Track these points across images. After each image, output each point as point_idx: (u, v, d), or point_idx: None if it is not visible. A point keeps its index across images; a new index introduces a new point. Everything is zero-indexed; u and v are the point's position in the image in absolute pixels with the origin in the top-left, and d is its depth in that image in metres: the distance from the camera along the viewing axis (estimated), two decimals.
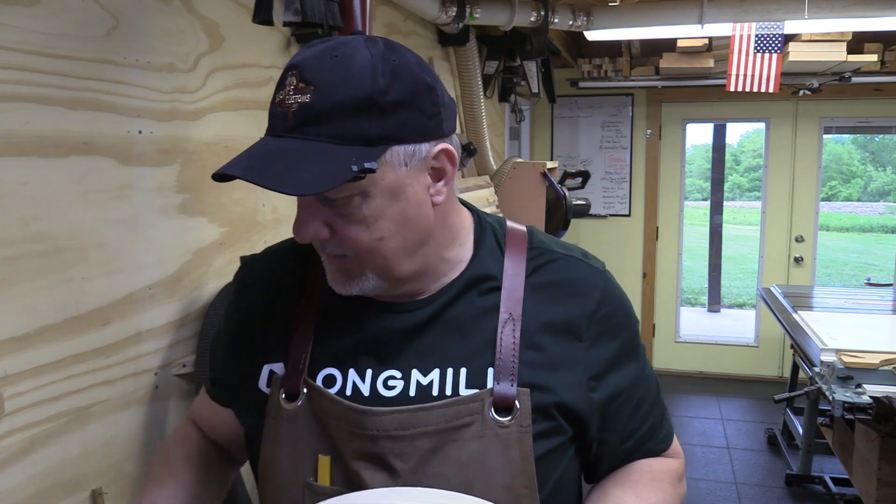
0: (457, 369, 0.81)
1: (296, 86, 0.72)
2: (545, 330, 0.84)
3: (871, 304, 4.05)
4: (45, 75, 1.16)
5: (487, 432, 0.79)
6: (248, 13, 1.60)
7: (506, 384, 0.80)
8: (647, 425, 0.92)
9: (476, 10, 2.81)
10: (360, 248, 0.77)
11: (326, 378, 0.83)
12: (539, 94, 3.91)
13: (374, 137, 0.72)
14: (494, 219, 0.92)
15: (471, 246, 0.87)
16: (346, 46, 0.74)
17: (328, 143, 0.71)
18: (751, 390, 5.06)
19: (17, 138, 1.11)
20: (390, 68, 0.73)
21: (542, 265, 0.87)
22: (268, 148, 0.73)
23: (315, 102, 0.71)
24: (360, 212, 0.75)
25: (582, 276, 0.88)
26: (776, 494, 3.57)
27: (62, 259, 1.20)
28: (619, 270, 5.34)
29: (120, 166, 1.33)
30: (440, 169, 0.79)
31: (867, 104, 4.89)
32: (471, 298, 0.84)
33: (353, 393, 0.81)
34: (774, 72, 3.64)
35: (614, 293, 0.90)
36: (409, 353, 0.82)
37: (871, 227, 15.01)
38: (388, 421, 0.79)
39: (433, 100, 0.77)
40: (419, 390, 0.81)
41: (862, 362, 2.79)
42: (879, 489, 2.74)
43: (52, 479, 1.21)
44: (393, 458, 0.78)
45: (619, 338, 0.88)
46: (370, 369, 0.82)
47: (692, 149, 13.43)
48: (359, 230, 0.76)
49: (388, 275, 0.80)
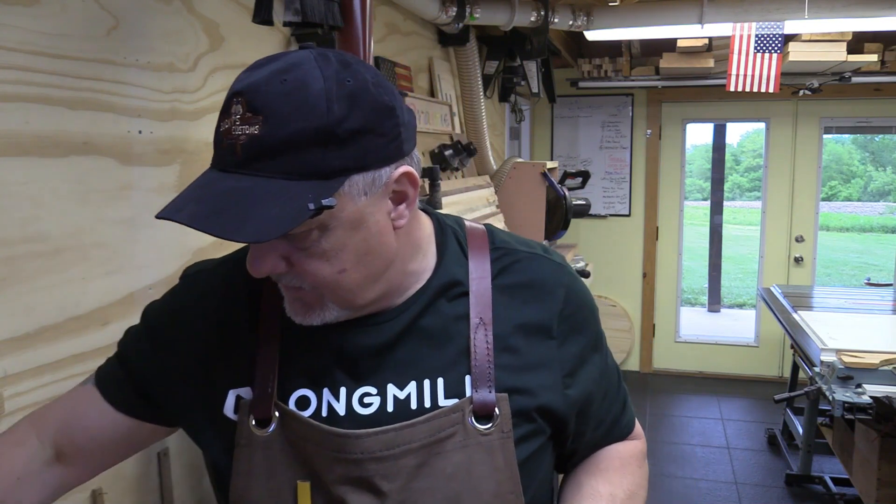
0: (434, 380, 0.79)
1: (242, 115, 0.66)
2: (517, 332, 0.83)
3: (871, 304, 4.05)
4: (45, 75, 1.16)
5: (470, 441, 0.77)
6: (248, 13, 1.60)
7: (484, 391, 0.78)
8: (613, 413, 0.94)
9: (476, 10, 2.81)
10: (320, 281, 0.73)
11: (300, 400, 0.79)
12: (539, 94, 3.91)
13: (330, 170, 0.67)
14: (452, 219, 0.90)
15: (434, 253, 0.84)
16: (298, 69, 0.67)
17: (281, 179, 0.65)
18: (751, 390, 5.06)
19: (17, 138, 1.11)
20: (346, 93, 0.67)
21: (507, 266, 0.86)
22: (216, 187, 0.67)
23: (265, 135, 0.65)
24: (319, 245, 0.70)
25: (547, 274, 0.87)
26: (776, 494, 3.57)
27: (62, 259, 1.20)
28: (619, 270, 5.34)
29: (120, 166, 1.33)
30: (401, 192, 0.74)
31: (867, 104, 4.89)
32: (440, 306, 0.82)
33: (328, 413, 0.78)
34: (774, 72, 3.64)
35: (578, 288, 0.89)
36: (383, 367, 0.79)
37: (871, 227, 15.01)
38: (373, 442, 0.76)
39: (393, 122, 0.71)
40: (397, 405, 0.78)
41: (862, 362, 2.79)
42: (879, 489, 2.74)
43: None
44: (379, 480, 0.76)
45: (585, 332, 0.88)
46: (344, 387, 0.79)
47: (692, 149, 13.43)
48: (319, 264, 0.72)
49: (350, 304, 0.76)
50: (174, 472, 1.49)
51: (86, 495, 1.27)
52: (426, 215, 0.87)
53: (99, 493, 1.28)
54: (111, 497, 1.32)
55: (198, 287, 0.88)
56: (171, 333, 0.87)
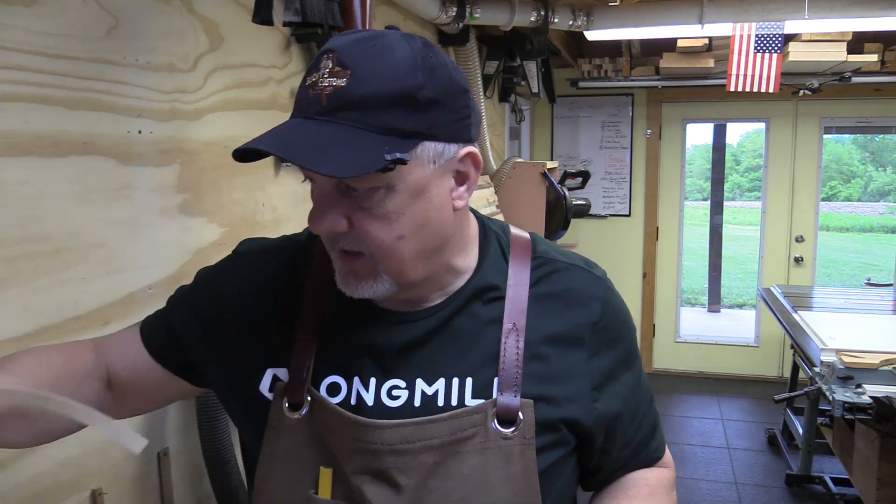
0: (462, 380, 0.80)
1: (332, 69, 0.70)
2: (549, 341, 0.83)
3: (871, 304, 4.05)
4: (45, 75, 1.16)
5: (490, 444, 0.78)
6: (248, 13, 1.60)
7: (509, 395, 0.79)
8: (642, 435, 0.92)
9: (476, 10, 2.81)
10: (378, 245, 0.74)
11: (331, 386, 0.81)
12: (539, 94, 3.91)
13: (407, 130, 0.71)
14: (498, 225, 0.91)
15: (475, 255, 0.86)
16: (386, 38, 0.72)
17: (361, 129, 0.69)
18: (751, 390, 5.06)
19: (17, 138, 1.11)
20: (428, 65, 0.72)
21: (546, 275, 0.86)
22: (299, 129, 0.70)
23: (351, 88, 0.69)
24: (382, 206, 0.73)
25: (584, 285, 0.87)
26: (776, 494, 3.57)
27: (62, 259, 1.20)
28: (619, 270, 5.34)
29: (120, 166, 1.33)
30: (464, 173, 0.78)
31: (867, 104, 4.89)
32: (475, 308, 0.83)
33: (357, 402, 0.80)
34: (774, 72, 3.64)
35: (615, 303, 0.90)
36: (414, 363, 0.81)
37: (871, 227, 15.00)
38: (393, 434, 0.77)
39: (465, 102, 0.76)
40: (424, 400, 0.79)
41: (862, 362, 2.79)
42: (879, 489, 2.74)
43: (52, 479, 1.21)
44: (397, 473, 0.76)
45: (618, 348, 0.88)
46: (374, 378, 0.81)
47: (692, 149, 13.42)
48: (379, 226, 0.73)
49: (401, 278, 0.77)
50: (174, 472, 1.49)
51: (86, 495, 1.27)
52: (474, 217, 0.88)
53: (99, 493, 1.28)
54: (111, 497, 1.32)
55: (247, 263, 0.91)
56: (215, 304, 0.90)
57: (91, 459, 1.29)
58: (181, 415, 1.53)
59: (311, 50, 2.02)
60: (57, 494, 1.22)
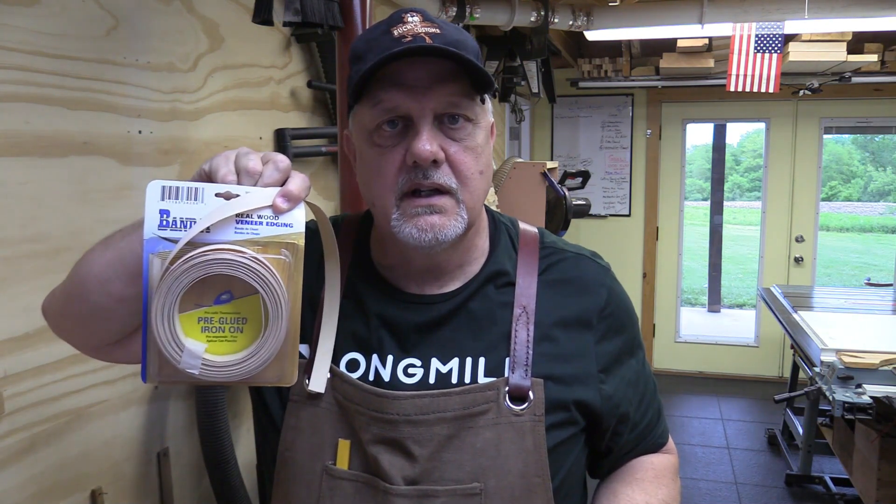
0: (475, 359, 0.84)
1: (422, 21, 0.78)
2: (558, 323, 0.87)
3: (871, 304, 4.05)
4: (45, 75, 1.16)
5: (502, 420, 0.81)
6: (248, 13, 1.60)
7: (520, 374, 0.82)
8: (648, 419, 0.96)
9: (476, 10, 2.81)
10: (468, 175, 0.80)
11: (350, 362, 0.85)
12: (539, 94, 3.90)
13: (487, 77, 0.79)
14: (507, 218, 0.96)
15: (487, 242, 0.91)
16: None
17: None
18: (751, 390, 5.06)
19: (17, 138, 1.11)
20: None
21: (554, 263, 0.91)
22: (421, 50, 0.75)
23: (447, 34, 0.77)
24: (472, 139, 0.80)
25: (592, 273, 0.93)
26: (776, 494, 3.57)
27: (62, 259, 1.20)
28: (620, 270, 5.28)
29: (120, 166, 1.33)
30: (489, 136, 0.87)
31: (867, 104, 4.89)
32: (488, 292, 0.87)
33: (375, 378, 0.84)
34: (774, 72, 3.64)
35: (619, 292, 0.95)
36: (430, 343, 0.85)
37: (871, 227, 15.01)
38: (409, 405, 0.80)
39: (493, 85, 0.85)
40: (438, 378, 0.83)
41: (862, 362, 2.79)
42: (879, 489, 2.74)
43: (52, 479, 1.21)
44: (411, 444, 0.80)
45: (623, 335, 0.92)
46: (391, 355, 0.84)
47: (692, 149, 13.43)
48: (469, 158, 0.80)
49: (473, 214, 0.82)
50: (174, 472, 1.49)
51: (86, 495, 1.27)
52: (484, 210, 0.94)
53: (99, 493, 1.28)
54: (111, 497, 1.32)
55: None
56: None
57: (91, 459, 1.29)
58: (181, 415, 1.53)
59: (311, 50, 2.02)
60: (57, 494, 1.22)
